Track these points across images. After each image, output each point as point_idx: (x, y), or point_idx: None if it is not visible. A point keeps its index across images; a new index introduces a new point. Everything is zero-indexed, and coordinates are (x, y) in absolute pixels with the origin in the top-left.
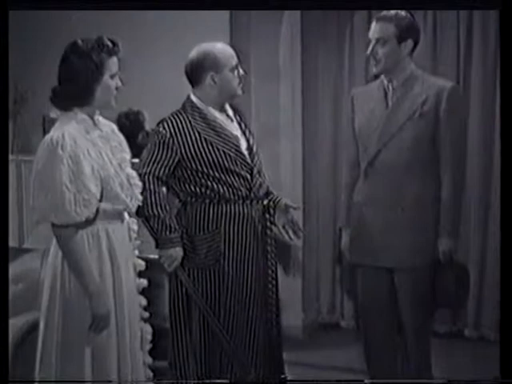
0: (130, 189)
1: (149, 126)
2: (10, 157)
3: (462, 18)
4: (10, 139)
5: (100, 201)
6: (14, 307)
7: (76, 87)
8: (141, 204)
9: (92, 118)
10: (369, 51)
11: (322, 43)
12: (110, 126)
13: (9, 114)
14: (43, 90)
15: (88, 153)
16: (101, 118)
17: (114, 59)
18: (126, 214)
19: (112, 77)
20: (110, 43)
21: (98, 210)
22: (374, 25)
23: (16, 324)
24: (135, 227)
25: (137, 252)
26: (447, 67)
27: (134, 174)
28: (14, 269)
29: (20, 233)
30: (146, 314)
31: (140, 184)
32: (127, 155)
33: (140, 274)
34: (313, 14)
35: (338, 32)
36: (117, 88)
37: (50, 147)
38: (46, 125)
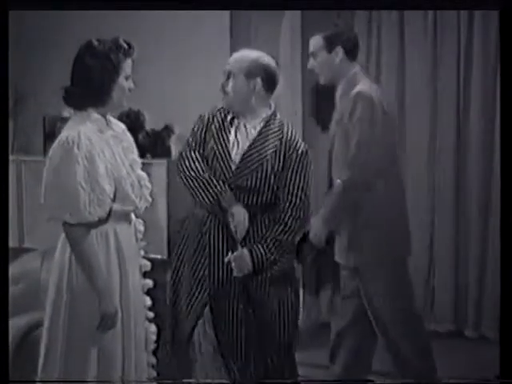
0: (140, 190)
1: (149, 126)
2: (10, 157)
3: (462, 18)
4: (10, 139)
5: (113, 201)
6: (14, 307)
7: (92, 87)
8: (148, 205)
9: (105, 117)
10: (308, 66)
11: None
12: (120, 127)
13: (9, 114)
14: (44, 91)
15: (102, 153)
16: (112, 118)
17: (129, 61)
18: (132, 215)
19: (126, 78)
20: (125, 45)
21: (110, 210)
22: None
23: (16, 324)
24: (142, 228)
25: (142, 252)
26: (447, 68)
27: (144, 175)
28: (14, 269)
29: (20, 233)
30: (151, 315)
31: (149, 185)
32: (136, 156)
33: (145, 275)
34: (313, 14)
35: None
36: (129, 89)
37: (65, 146)
38: (47, 124)
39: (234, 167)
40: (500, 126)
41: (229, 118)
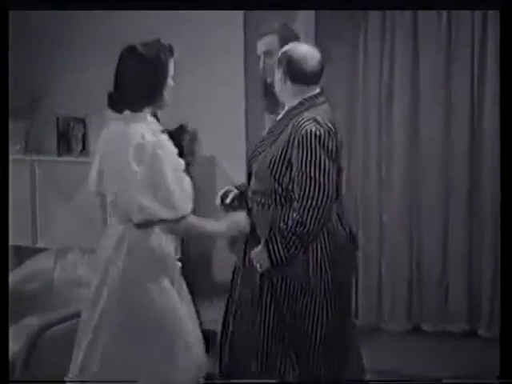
0: (185, 191)
1: (163, 125)
2: (24, 157)
3: (476, 19)
4: (24, 139)
5: None
6: (26, 307)
7: (147, 89)
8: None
9: (157, 117)
10: (261, 65)
11: (336, 44)
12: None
13: (9, 114)
14: (57, 91)
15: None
16: None
17: (172, 60)
18: None
19: (172, 77)
20: (167, 45)
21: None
22: (259, 41)
23: (29, 323)
24: None
25: None
26: (461, 68)
27: (186, 177)
28: (27, 268)
29: (33, 232)
30: None
31: (188, 188)
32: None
33: None
34: (327, 14)
35: (353, 33)
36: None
37: (147, 147)
38: (61, 124)
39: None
40: (500, 125)
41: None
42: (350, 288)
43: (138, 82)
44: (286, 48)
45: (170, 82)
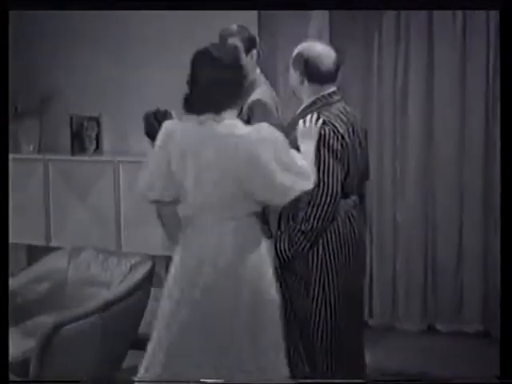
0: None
1: None
2: (38, 156)
3: (491, 19)
4: (37, 139)
5: None
6: (40, 306)
7: (227, 91)
8: None
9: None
10: None
11: (351, 44)
12: None
13: (9, 113)
14: (69, 91)
15: None
16: None
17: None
18: None
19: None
20: (235, 45)
21: None
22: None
23: (43, 323)
24: None
25: None
26: (476, 69)
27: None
28: (40, 267)
29: (47, 232)
30: None
31: None
32: None
33: None
34: (341, 14)
35: (367, 33)
36: None
37: (269, 138)
38: (74, 124)
39: None
40: (500, 126)
41: None
42: (358, 288)
43: (217, 85)
44: (300, 48)
45: (247, 82)
